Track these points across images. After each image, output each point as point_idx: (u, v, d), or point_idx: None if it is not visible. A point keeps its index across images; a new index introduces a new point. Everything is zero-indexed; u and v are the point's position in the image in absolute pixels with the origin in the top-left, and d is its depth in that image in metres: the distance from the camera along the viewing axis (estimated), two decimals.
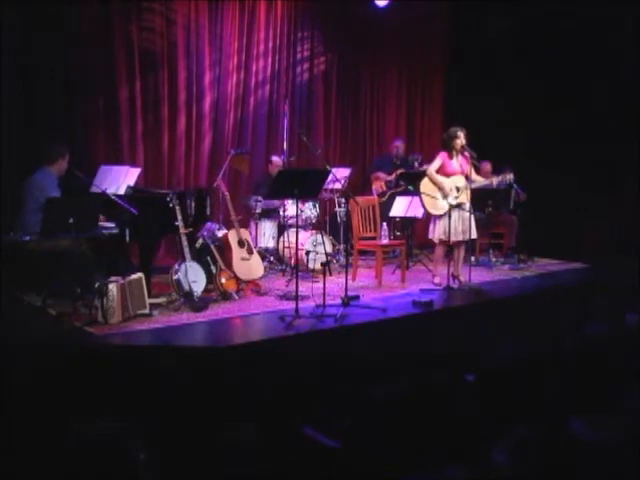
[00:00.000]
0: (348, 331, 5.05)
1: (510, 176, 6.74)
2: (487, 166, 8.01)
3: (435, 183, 6.38)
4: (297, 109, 8.66)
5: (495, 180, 6.77)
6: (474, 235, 6.49)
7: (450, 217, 6.25)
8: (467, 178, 6.45)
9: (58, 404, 3.96)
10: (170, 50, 7.48)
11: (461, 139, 6.38)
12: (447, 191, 6.34)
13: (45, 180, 5.49)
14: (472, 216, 6.39)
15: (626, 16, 7.71)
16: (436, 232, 6.42)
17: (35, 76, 6.44)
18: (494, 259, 7.76)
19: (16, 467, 3.08)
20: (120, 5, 7.04)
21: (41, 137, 6.18)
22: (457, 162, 6.45)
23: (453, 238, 6.33)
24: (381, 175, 8.30)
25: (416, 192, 6.79)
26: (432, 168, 6.44)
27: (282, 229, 7.29)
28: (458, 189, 6.38)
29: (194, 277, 5.47)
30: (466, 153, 6.45)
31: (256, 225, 7.32)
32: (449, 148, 6.43)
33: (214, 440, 3.69)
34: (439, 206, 6.35)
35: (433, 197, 6.35)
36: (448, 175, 6.41)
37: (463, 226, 6.36)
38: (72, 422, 3.72)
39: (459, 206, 6.35)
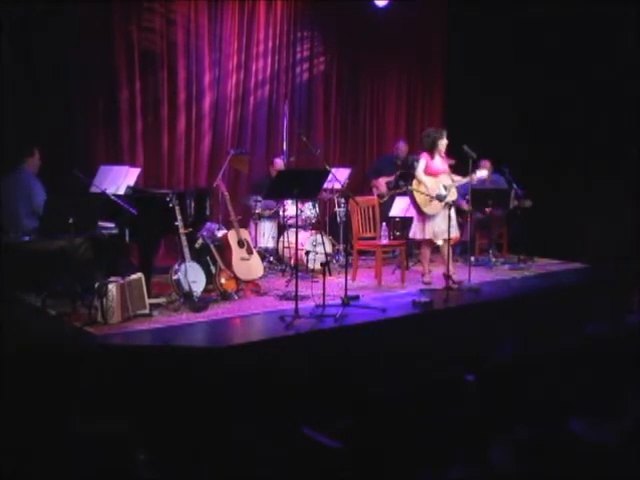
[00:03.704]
0: (348, 331, 5.05)
1: (483, 172, 6.73)
2: (487, 164, 7.97)
3: (424, 185, 6.37)
4: (297, 109, 8.65)
5: (475, 177, 6.69)
6: (454, 233, 6.47)
7: (437, 217, 6.33)
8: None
9: (58, 404, 3.96)
10: (170, 50, 7.48)
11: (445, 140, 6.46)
12: (437, 191, 6.35)
13: (28, 181, 5.54)
14: (454, 214, 6.41)
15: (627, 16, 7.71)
16: (426, 232, 6.44)
17: (35, 76, 6.43)
18: (494, 259, 7.76)
19: (16, 467, 3.08)
20: (120, 5, 7.04)
21: (41, 137, 6.18)
22: (439, 161, 6.50)
23: (440, 237, 6.39)
24: (380, 180, 8.24)
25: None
26: (420, 170, 6.43)
27: (282, 229, 7.29)
28: (445, 188, 6.40)
29: (194, 277, 5.47)
30: (443, 153, 6.53)
31: (256, 225, 7.32)
32: (431, 149, 6.47)
33: (214, 440, 3.69)
34: (433, 205, 6.36)
35: (428, 195, 6.34)
36: (434, 175, 6.43)
37: (446, 225, 6.33)
38: (72, 422, 3.73)
39: (453, 204, 6.37)
